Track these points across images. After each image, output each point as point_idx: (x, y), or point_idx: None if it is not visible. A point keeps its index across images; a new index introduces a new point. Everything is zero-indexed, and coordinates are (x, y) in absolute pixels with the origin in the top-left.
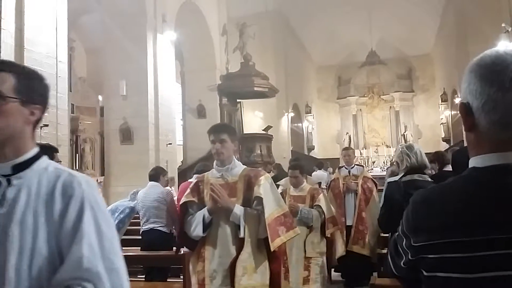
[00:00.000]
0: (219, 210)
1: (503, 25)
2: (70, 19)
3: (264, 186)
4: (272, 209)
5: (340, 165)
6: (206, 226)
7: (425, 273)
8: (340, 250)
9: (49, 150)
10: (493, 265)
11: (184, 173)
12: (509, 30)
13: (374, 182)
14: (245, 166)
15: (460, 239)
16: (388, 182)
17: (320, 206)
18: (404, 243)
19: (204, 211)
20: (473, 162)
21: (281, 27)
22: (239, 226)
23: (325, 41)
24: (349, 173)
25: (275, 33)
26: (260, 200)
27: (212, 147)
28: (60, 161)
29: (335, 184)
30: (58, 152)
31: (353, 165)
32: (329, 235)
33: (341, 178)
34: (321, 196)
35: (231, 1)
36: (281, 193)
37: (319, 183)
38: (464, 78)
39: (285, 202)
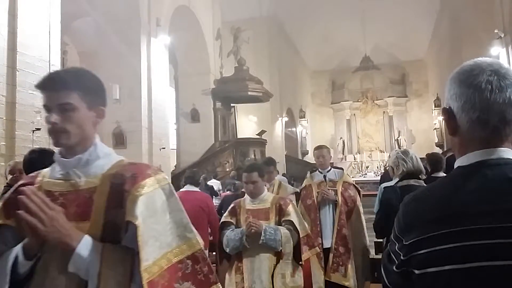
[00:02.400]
0: (46, 249)
1: (496, 31)
2: (64, 23)
3: (149, 198)
4: (163, 248)
5: (313, 168)
6: (23, 280)
7: (416, 272)
8: (318, 282)
9: (48, 154)
10: (481, 255)
11: (177, 178)
12: (502, 36)
13: (357, 189)
14: (121, 158)
15: (448, 230)
16: (384, 187)
17: (291, 222)
18: (396, 247)
19: (18, 250)
20: (459, 162)
21: (275, 32)
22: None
23: (319, 46)
24: (325, 179)
25: (270, 38)
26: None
27: (46, 120)
28: None
29: (306, 193)
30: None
31: (329, 167)
32: (302, 262)
33: (314, 185)
34: (290, 207)
35: (226, 5)
36: (233, 207)
37: None
38: (446, 87)
39: (239, 219)
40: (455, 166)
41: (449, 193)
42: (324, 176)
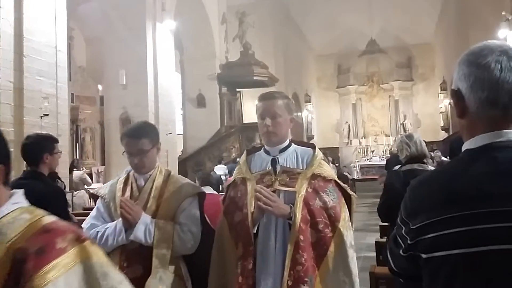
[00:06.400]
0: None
1: (503, 13)
2: (69, 8)
3: None
4: None
5: (254, 144)
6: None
7: (423, 256)
8: None
9: (50, 141)
10: (489, 239)
11: (184, 163)
12: (509, 18)
13: (344, 192)
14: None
15: (456, 214)
16: (388, 171)
17: None
18: (403, 231)
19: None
20: (467, 145)
21: (280, 16)
22: None
23: (325, 30)
24: (274, 166)
25: (275, 22)
26: None
27: None
28: (61, 152)
29: (236, 196)
30: (58, 142)
31: (288, 142)
32: None
33: (251, 180)
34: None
35: None
36: None
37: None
38: (454, 70)
39: None
40: (463, 149)
41: (457, 177)
42: (274, 161)
